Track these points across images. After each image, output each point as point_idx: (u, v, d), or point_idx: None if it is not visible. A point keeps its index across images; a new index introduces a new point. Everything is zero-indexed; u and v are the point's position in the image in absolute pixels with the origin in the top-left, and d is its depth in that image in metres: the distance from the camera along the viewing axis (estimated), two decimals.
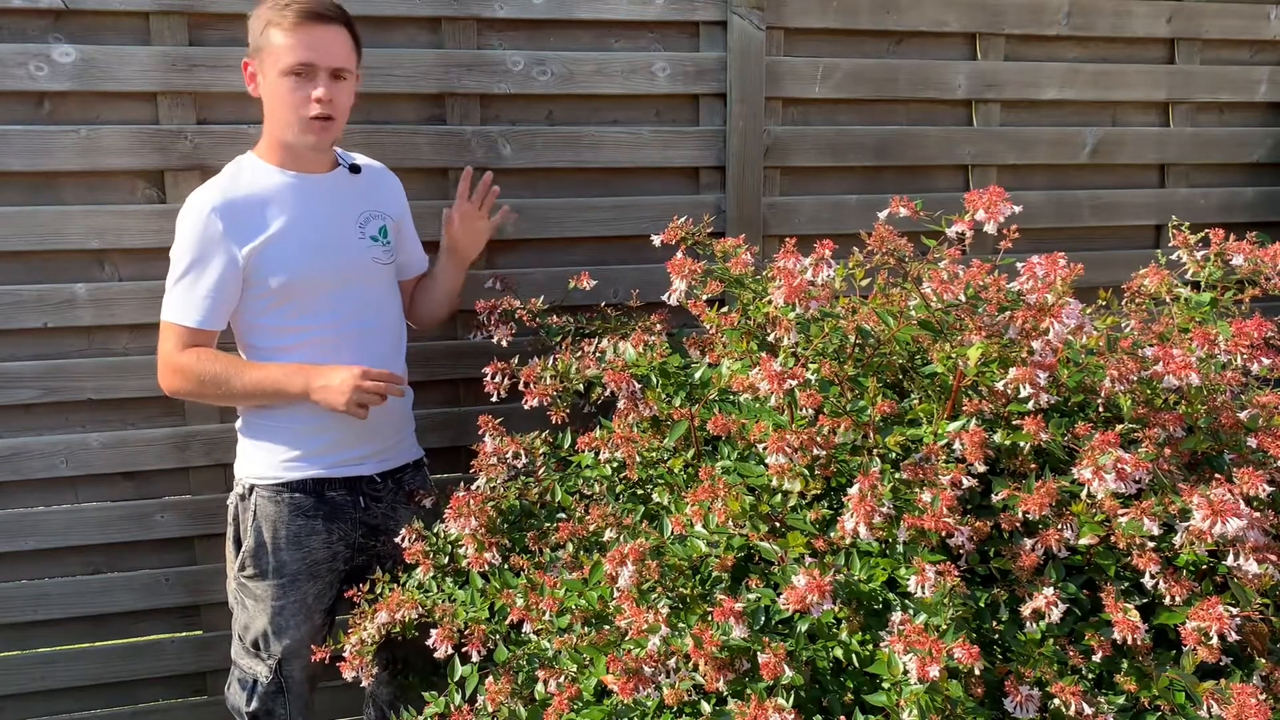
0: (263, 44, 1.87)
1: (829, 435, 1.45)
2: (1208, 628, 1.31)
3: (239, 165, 1.98)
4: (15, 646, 2.33)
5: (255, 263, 1.90)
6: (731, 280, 1.76)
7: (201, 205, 1.89)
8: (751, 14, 2.43)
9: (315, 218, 1.97)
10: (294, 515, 1.99)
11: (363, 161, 2.12)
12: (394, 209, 2.13)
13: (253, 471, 2.01)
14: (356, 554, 2.07)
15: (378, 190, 2.11)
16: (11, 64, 2.10)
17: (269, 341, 1.97)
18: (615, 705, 1.39)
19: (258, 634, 2.03)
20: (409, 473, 2.15)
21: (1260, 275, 1.67)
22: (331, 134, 1.93)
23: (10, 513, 2.27)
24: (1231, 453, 1.54)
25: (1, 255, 2.17)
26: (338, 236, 1.99)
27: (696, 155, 2.49)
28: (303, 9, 1.84)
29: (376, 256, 2.05)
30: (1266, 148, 2.85)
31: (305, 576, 2.01)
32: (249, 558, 2.00)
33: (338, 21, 1.90)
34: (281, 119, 1.91)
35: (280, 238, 1.92)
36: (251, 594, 2.02)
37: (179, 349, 1.92)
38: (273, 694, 2.05)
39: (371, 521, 2.07)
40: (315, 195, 1.98)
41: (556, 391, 1.85)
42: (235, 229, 1.89)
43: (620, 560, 1.42)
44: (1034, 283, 1.45)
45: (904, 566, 1.38)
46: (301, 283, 1.94)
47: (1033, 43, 2.66)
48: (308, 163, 1.98)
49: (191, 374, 1.92)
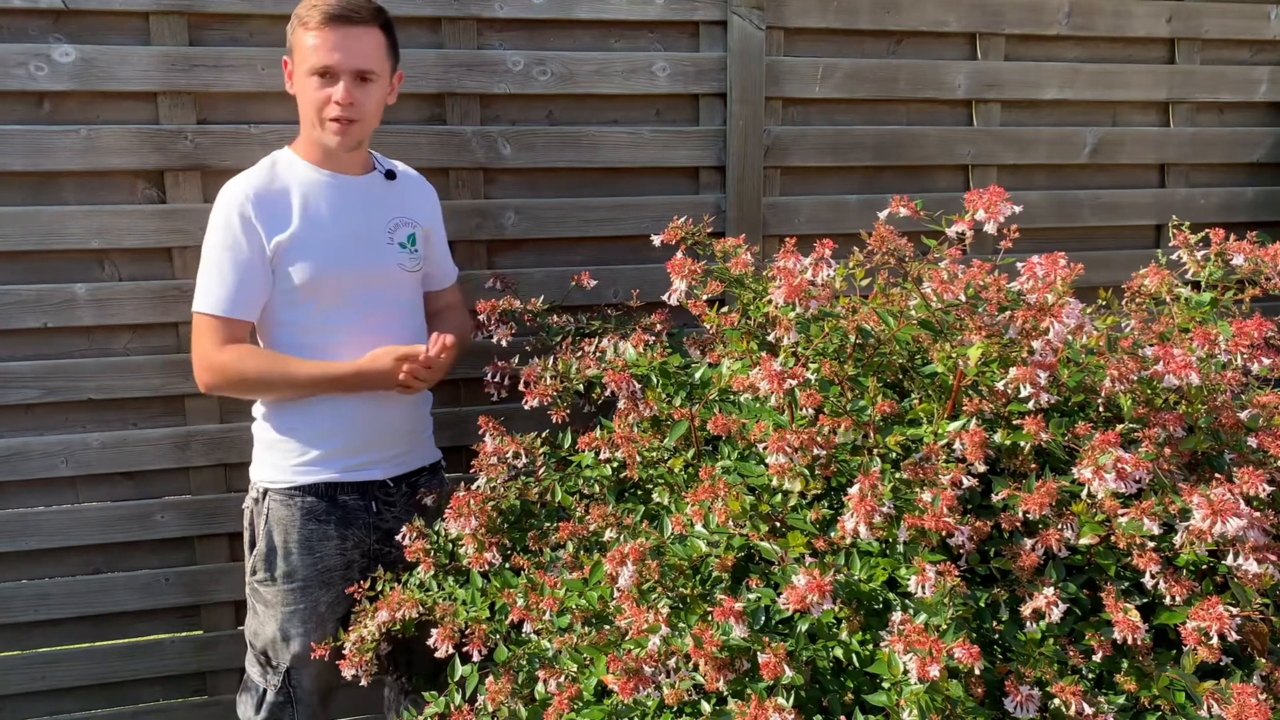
0: (294, 43, 1.89)
1: (829, 435, 1.45)
2: (1208, 628, 1.31)
3: (275, 159, 1.99)
4: (16, 646, 2.33)
5: (281, 255, 1.91)
6: (731, 280, 1.76)
7: (235, 195, 1.91)
8: (751, 14, 2.43)
9: (343, 217, 1.97)
10: (306, 520, 1.97)
11: (400, 168, 2.13)
12: (425, 218, 2.12)
13: (266, 475, 2.00)
14: (372, 562, 2.03)
15: (410, 198, 2.11)
16: (11, 64, 2.10)
17: (291, 338, 1.96)
18: (615, 705, 1.39)
19: (267, 641, 2.01)
20: (424, 477, 2.13)
21: (1260, 275, 1.67)
22: (353, 136, 1.93)
23: (10, 513, 2.27)
24: (1232, 452, 1.54)
25: (1, 255, 2.17)
26: (364, 238, 1.99)
27: (696, 155, 2.49)
28: (327, 10, 1.85)
29: (402, 263, 2.04)
30: (1266, 148, 2.85)
31: (316, 583, 1.98)
32: (260, 561, 1.99)
33: (367, 23, 1.89)
34: (306, 117, 1.93)
35: (307, 233, 1.92)
36: (262, 599, 2.00)
37: (216, 345, 1.90)
38: (280, 705, 2.02)
39: (385, 526, 2.04)
40: (346, 195, 1.99)
41: (556, 391, 1.85)
42: (266, 220, 1.90)
43: (620, 560, 1.42)
44: (1034, 282, 1.45)
45: (904, 566, 1.38)
46: (324, 280, 1.93)
47: (1033, 43, 2.66)
48: (341, 163, 1.99)
49: (232, 371, 1.91)
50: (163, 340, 2.28)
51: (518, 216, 2.41)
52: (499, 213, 2.40)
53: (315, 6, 1.85)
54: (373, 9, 1.91)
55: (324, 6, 1.85)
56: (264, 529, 1.98)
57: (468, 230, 2.39)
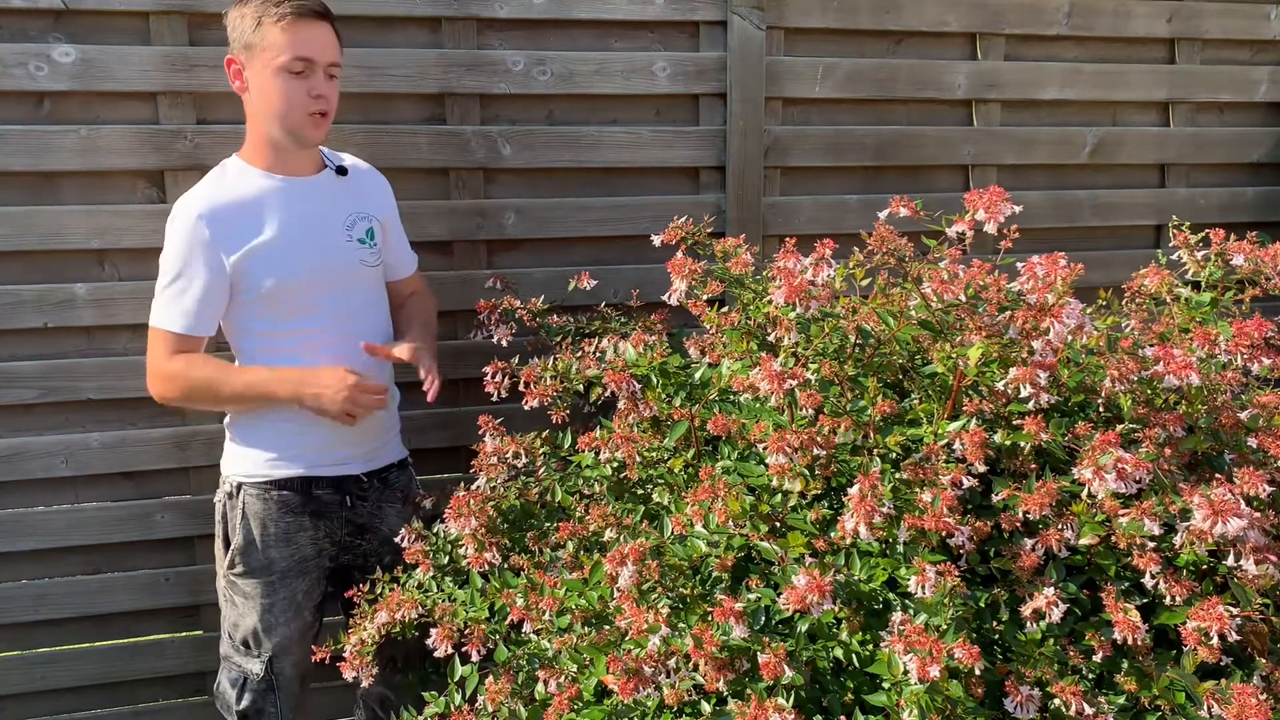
0: (255, 40, 1.85)
1: (829, 435, 1.45)
2: (1208, 628, 1.31)
3: (224, 169, 1.98)
4: (16, 646, 2.34)
5: (243, 268, 1.90)
6: (731, 280, 1.76)
7: (189, 213, 1.89)
8: (751, 14, 2.43)
9: (302, 221, 1.96)
10: (282, 513, 2.00)
11: (349, 162, 2.12)
12: (381, 210, 2.12)
13: (240, 469, 2.02)
14: (342, 551, 2.08)
15: (365, 191, 2.10)
16: (11, 64, 2.10)
17: (259, 344, 1.97)
18: (615, 705, 1.39)
19: (247, 632, 2.04)
20: (394, 471, 2.16)
21: (1260, 275, 1.67)
22: (325, 129, 1.94)
23: (10, 513, 2.27)
24: (1232, 453, 1.54)
25: (1, 255, 2.18)
26: (324, 240, 1.99)
27: (696, 155, 2.49)
28: (300, 6, 1.84)
29: (364, 259, 2.04)
30: (1266, 148, 2.85)
31: (294, 573, 2.02)
32: (238, 555, 2.01)
33: (327, 19, 1.90)
34: (274, 115, 1.89)
35: (267, 243, 1.91)
36: (241, 591, 2.03)
37: (168, 355, 1.92)
38: (263, 691, 2.06)
39: (358, 520, 2.08)
40: (301, 198, 1.98)
41: (556, 391, 1.85)
42: (221, 236, 1.89)
43: (620, 560, 1.42)
44: (1034, 283, 1.45)
45: (904, 566, 1.38)
46: (289, 287, 1.94)
47: (1033, 43, 2.66)
48: (294, 164, 1.98)
49: (181, 381, 1.92)
50: None
51: (518, 216, 2.41)
52: (499, 213, 2.40)
53: (283, 2, 1.84)
54: (327, 7, 1.92)
55: (296, 2, 1.84)
56: (240, 523, 2.00)
57: (468, 230, 2.39)
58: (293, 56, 1.84)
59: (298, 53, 1.84)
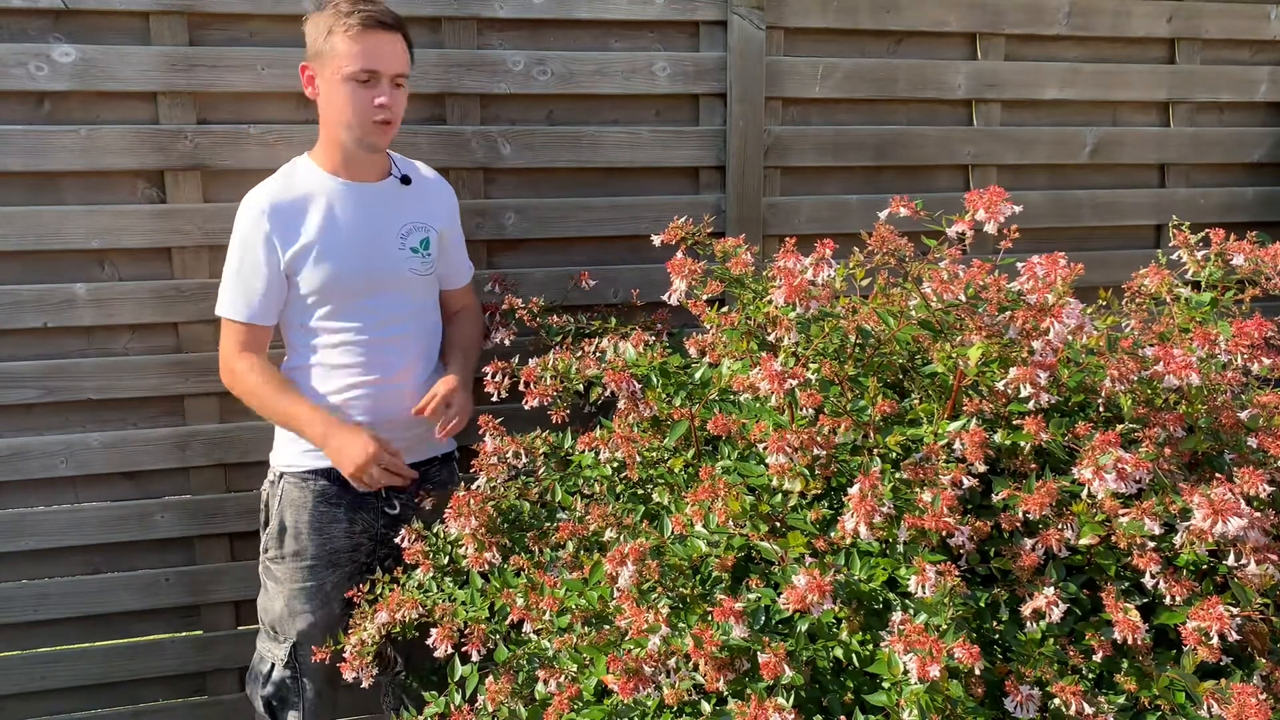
0: (324, 49, 1.92)
1: (829, 435, 1.45)
2: (1208, 627, 1.31)
3: (294, 167, 2.05)
4: (16, 646, 2.33)
5: (295, 265, 1.98)
6: (731, 280, 1.76)
7: (254, 206, 1.98)
8: (751, 14, 2.43)
9: (357, 226, 2.02)
10: (318, 502, 2.05)
11: (421, 171, 2.17)
12: (440, 220, 2.16)
13: (283, 459, 2.09)
14: (379, 546, 2.11)
15: (425, 201, 2.14)
16: (11, 64, 2.09)
17: (308, 340, 2.04)
18: (615, 705, 1.39)
19: (275, 617, 2.09)
20: (435, 466, 2.18)
21: (1260, 275, 1.67)
22: (390, 137, 2.00)
23: (10, 513, 2.27)
24: (1232, 452, 1.54)
25: (1, 255, 2.17)
26: (377, 246, 2.04)
27: (696, 155, 2.49)
28: (368, 17, 1.90)
29: (414, 267, 2.09)
30: (1266, 148, 2.85)
31: (324, 564, 2.06)
32: (272, 539, 2.08)
33: (397, 29, 1.95)
34: (341, 122, 1.95)
35: (319, 243, 1.98)
36: (273, 575, 2.09)
37: (237, 348, 2.01)
38: (287, 680, 2.09)
39: (393, 513, 2.11)
40: (361, 203, 2.03)
41: (557, 391, 1.85)
42: (281, 231, 1.97)
43: (620, 560, 1.42)
44: (1034, 283, 1.45)
45: (904, 566, 1.38)
46: (335, 287, 2.00)
47: (1033, 43, 2.66)
48: (358, 169, 2.04)
49: (239, 381, 2.03)
50: (162, 340, 2.28)
51: (518, 216, 2.41)
52: (499, 213, 2.40)
53: (353, 13, 1.89)
54: (396, 16, 1.97)
55: (364, 13, 1.90)
56: (277, 509, 2.07)
57: (468, 230, 2.38)
58: (359, 68, 1.90)
59: (363, 64, 1.90)
